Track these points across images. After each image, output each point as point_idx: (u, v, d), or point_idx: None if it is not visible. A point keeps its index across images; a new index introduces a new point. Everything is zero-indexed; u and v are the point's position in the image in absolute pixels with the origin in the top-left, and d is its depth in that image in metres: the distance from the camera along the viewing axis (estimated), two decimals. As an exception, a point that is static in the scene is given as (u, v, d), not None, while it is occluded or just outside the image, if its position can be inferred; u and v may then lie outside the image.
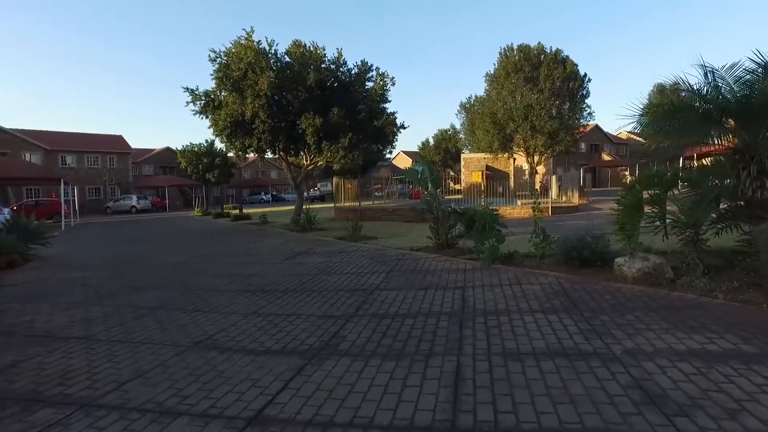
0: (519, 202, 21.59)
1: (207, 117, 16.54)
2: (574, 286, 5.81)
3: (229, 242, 14.01)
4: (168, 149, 57.28)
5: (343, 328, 4.65)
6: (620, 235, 7.23)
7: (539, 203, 8.03)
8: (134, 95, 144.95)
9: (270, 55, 16.30)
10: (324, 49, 16.78)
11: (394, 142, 17.58)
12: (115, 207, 41.22)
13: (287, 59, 16.89)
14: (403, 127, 17.17)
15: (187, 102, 16.32)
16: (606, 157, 61.14)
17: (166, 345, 4.41)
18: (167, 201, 45.04)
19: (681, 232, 6.61)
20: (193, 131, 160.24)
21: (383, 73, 16.40)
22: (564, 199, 23.64)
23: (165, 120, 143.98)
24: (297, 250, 10.87)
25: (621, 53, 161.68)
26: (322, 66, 16.42)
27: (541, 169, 40.08)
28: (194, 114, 16.68)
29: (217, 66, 15.52)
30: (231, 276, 7.98)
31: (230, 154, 19.24)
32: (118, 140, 47.73)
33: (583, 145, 48.74)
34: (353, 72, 16.86)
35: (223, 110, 15.74)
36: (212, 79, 15.61)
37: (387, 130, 16.84)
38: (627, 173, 57.01)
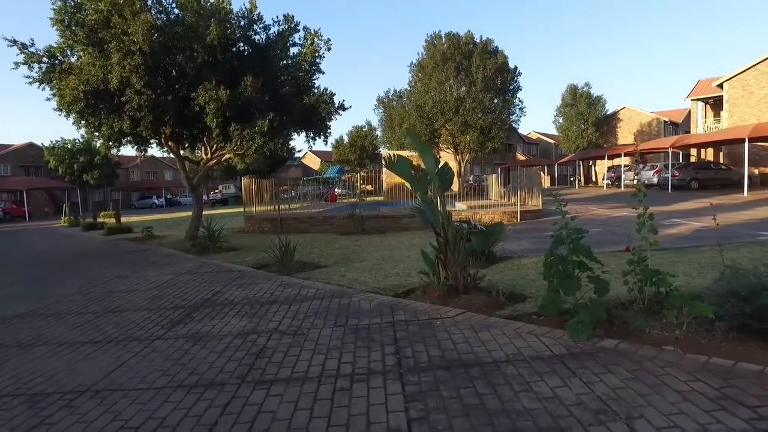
0: (462, 205, 18.57)
1: (51, 86, 11.09)
2: None
3: (84, 278, 8.92)
4: (31, 145, 47.67)
5: None
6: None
7: (642, 200, 4.36)
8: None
9: (151, 2, 11.35)
10: (230, 2, 12.13)
11: (329, 127, 13.23)
12: (-56, 217, 32.28)
13: (177, 12, 12.00)
14: (342, 107, 12.89)
15: (16, 63, 10.79)
16: (520, 157, 61.56)
17: None
18: (27, 208, 36.57)
19: None
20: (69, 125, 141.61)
21: (315, 33, 11.98)
22: (513, 200, 21.04)
23: (28, 111, 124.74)
24: (194, 298, 6.36)
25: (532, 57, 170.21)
26: (231, 21, 11.74)
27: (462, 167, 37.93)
28: (31, 83, 11.11)
29: (59, 4, 10.17)
30: (41, 396, 3.38)
31: (114, 151, 13.76)
32: (-45, 132, 37.85)
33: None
34: (272, 31, 12.31)
35: (73, 75, 10.42)
36: (52, 24, 10.21)
37: (321, 110, 12.45)
38: (542, 173, 57.54)
